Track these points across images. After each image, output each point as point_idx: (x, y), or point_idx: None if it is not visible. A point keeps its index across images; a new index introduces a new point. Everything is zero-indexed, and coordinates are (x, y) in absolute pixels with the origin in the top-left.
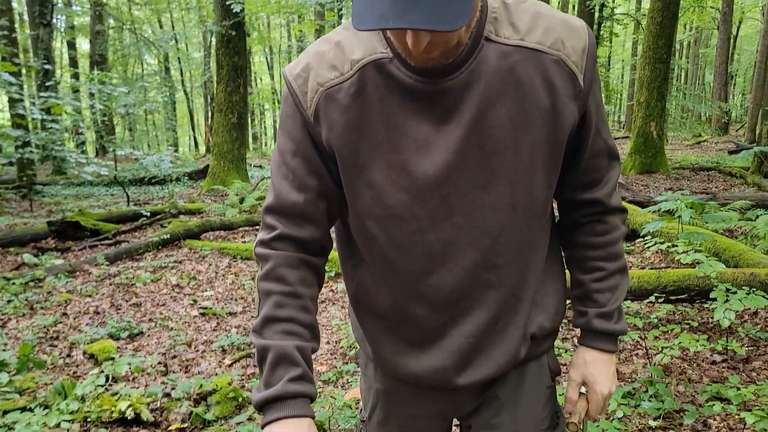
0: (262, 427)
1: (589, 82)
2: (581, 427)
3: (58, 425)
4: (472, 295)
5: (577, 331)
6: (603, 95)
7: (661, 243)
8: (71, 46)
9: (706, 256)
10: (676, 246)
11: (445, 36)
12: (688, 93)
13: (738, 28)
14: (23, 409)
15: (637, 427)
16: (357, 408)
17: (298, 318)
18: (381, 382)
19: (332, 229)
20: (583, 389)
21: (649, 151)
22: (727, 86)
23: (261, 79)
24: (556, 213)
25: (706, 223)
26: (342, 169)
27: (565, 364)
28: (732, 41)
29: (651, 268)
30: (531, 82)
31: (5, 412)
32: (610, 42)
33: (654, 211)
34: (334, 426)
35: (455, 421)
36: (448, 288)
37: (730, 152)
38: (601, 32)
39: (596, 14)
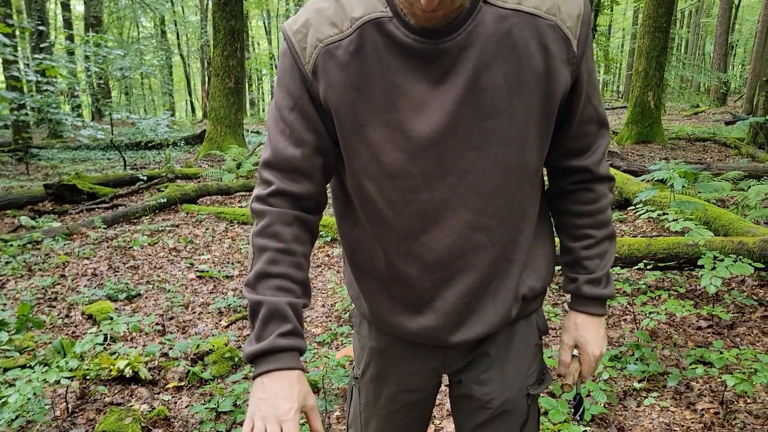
0: (254, 379)
1: (582, 48)
2: (572, 387)
3: (57, 382)
4: (464, 256)
5: (568, 296)
6: (603, 64)
7: (652, 211)
8: (65, 7)
9: (696, 225)
10: (667, 214)
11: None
12: (687, 63)
13: None
14: (23, 367)
15: (622, 388)
16: (350, 367)
17: (291, 274)
18: (375, 340)
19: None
20: (575, 352)
21: (646, 121)
22: (727, 57)
23: (258, 44)
24: (546, 180)
25: (699, 192)
26: (339, 126)
27: (555, 328)
28: (734, 11)
29: (642, 236)
30: (526, 45)
31: (5, 370)
32: (611, 10)
33: (648, 180)
34: (327, 385)
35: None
36: (440, 248)
37: (727, 123)
38: (602, 0)
39: None
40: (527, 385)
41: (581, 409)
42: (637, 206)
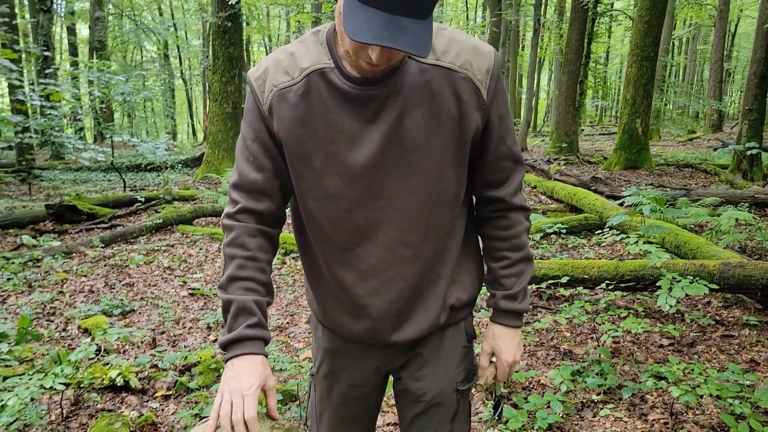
0: (225, 362)
1: (491, 97)
2: (486, 387)
3: (53, 388)
4: (392, 267)
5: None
6: (600, 91)
7: (617, 235)
8: (71, 31)
9: (656, 248)
10: (629, 237)
11: (398, 56)
12: (679, 90)
13: (736, 25)
14: (22, 376)
15: (580, 400)
16: None
17: (256, 278)
18: (327, 341)
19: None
20: (493, 358)
21: (634, 148)
22: (722, 84)
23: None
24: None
25: (675, 218)
26: (288, 155)
27: (526, 345)
28: (730, 39)
29: (612, 259)
30: (443, 94)
31: (5, 378)
32: (609, 37)
33: (628, 205)
34: (304, 394)
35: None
36: (371, 259)
37: (715, 149)
38: (595, 29)
39: (590, 11)
40: (456, 382)
41: (500, 409)
42: (604, 231)
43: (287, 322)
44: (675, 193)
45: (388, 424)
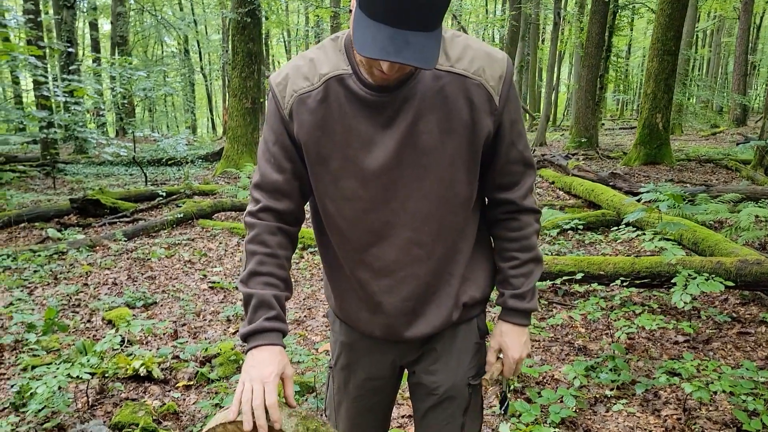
0: (245, 353)
1: (503, 103)
2: (492, 382)
3: (79, 377)
4: (406, 266)
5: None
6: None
7: (633, 231)
8: (93, 27)
9: (672, 245)
10: (645, 234)
11: (412, 68)
12: (702, 84)
13: (761, 17)
14: (49, 365)
15: (593, 395)
16: None
17: (276, 273)
18: (344, 335)
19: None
20: (501, 354)
21: (654, 143)
22: (747, 77)
23: (279, 63)
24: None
25: (694, 214)
26: (307, 157)
27: (539, 340)
28: (755, 31)
29: (628, 255)
30: (456, 100)
31: (33, 367)
32: (631, 30)
33: (645, 201)
34: (321, 387)
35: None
36: (386, 258)
37: (738, 144)
38: (617, 21)
39: (611, 3)
40: (468, 377)
41: (506, 404)
42: (620, 227)
43: (305, 316)
44: (695, 189)
45: (402, 416)
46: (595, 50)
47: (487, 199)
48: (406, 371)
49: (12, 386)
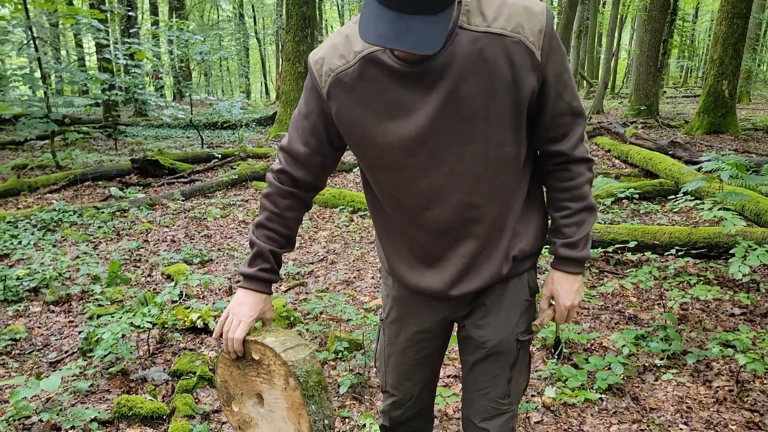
0: (237, 288)
1: (546, 57)
2: (540, 328)
3: (139, 326)
4: (461, 227)
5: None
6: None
7: (692, 201)
8: None
9: (732, 215)
10: (704, 203)
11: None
12: None
13: None
14: (113, 315)
15: (642, 364)
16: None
17: (279, 230)
18: (396, 290)
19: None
20: (553, 302)
21: (719, 111)
22: None
23: (332, 27)
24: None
25: (758, 185)
26: (352, 135)
27: (588, 308)
28: None
29: (686, 226)
30: (496, 61)
31: (99, 316)
32: None
33: (706, 171)
34: (368, 344)
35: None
36: (440, 221)
37: None
38: None
39: None
40: (517, 333)
41: (559, 349)
42: (677, 197)
43: (354, 277)
44: (760, 159)
45: (448, 376)
46: (659, 13)
47: (537, 153)
48: (455, 330)
49: (80, 333)
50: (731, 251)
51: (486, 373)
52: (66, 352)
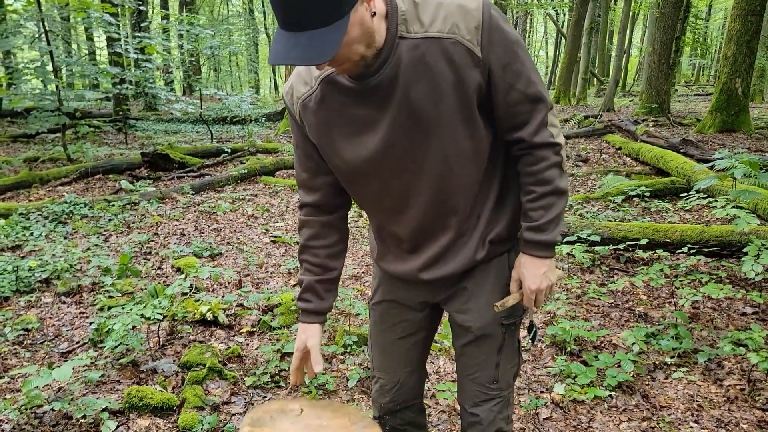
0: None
1: (486, 51)
2: (501, 308)
3: (149, 318)
4: (436, 221)
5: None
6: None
7: (704, 199)
8: None
9: (745, 213)
10: (716, 201)
11: (347, 59)
12: None
13: None
14: (124, 306)
15: (652, 362)
16: None
17: (309, 260)
18: (382, 273)
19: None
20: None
21: (732, 109)
22: None
23: None
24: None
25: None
26: (325, 154)
27: (596, 306)
28: None
29: (698, 224)
30: (437, 64)
31: (110, 307)
32: None
33: (719, 169)
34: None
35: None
36: (417, 217)
37: None
38: None
39: None
40: (500, 316)
41: (533, 333)
42: (689, 195)
43: (362, 272)
44: None
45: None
46: (672, 10)
47: (503, 142)
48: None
49: (90, 324)
50: (744, 250)
51: (473, 357)
52: (77, 343)
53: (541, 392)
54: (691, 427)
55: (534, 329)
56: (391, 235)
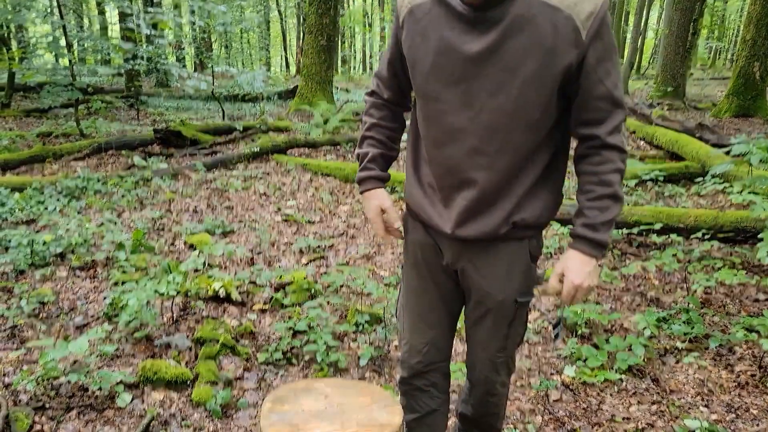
0: (361, 193)
1: (590, 39)
2: (542, 293)
3: (163, 294)
4: (469, 170)
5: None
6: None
7: (719, 184)
8: None
9: (763, 199)
10: (731, 187)
11: None
12: None
13: None
14: (138, 281)
15: (663, 346)
16: None
17: (378, 137)
18: (413, 232)
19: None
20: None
21: (749, 94)
22: None
23: (353, 1)
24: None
25: None
26: (408, 59)
27: (609, 290)
28: None
29: (714, 209)
30: (543, 27)
31: (124, 282)
32: None
33: (735, 154)
34: (387, 314)
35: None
36: (454, 159)
37: None
38: None
39: None
40: (515, 294)
41: (557, 331)
42: (704, 180)
43: (374, 252)
44: None
45: None
46: None
47: (574, 136)
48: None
49: (105, 298)
50: (759, 236)
51: (485, 329)
52: (92, 317)
53: (552, 374)
54: (701, 412)
55: (559, 326)
56: (425, 173)
